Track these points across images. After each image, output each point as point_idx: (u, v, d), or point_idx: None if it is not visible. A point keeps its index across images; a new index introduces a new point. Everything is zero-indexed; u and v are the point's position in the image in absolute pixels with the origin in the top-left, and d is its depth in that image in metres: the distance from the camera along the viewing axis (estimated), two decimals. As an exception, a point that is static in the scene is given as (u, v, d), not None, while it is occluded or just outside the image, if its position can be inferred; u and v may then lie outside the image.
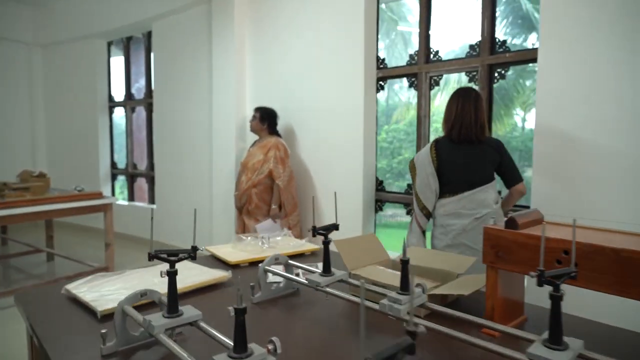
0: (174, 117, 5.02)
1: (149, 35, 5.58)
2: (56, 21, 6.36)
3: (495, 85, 2.93)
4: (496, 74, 2.89)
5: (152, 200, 5.80)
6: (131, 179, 6.09)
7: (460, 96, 2.31)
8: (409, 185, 3.37)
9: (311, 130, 3.73)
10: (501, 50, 2.86)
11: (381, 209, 3.59)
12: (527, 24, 11.59)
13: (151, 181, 5.75)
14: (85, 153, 6.25)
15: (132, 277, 1.49)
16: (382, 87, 3.53)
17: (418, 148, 3.28)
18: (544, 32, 2.48)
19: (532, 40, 9.51)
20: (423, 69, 3.22)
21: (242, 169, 3.70)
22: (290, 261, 1.44)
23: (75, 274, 3.75)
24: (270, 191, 3.57)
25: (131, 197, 6.11)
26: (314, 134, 3.71)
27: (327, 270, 1.27)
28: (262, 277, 1.36)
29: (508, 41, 2.84)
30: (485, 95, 2.93)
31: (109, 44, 6.16)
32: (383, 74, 3.47)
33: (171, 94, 5.03)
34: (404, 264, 1.07)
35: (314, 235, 1.35)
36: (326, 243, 1.32)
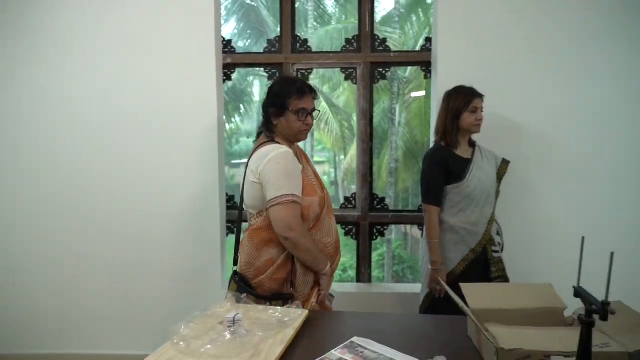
0: None
1: None
2: None
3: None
4: (377, 74, 2.68)
5: None
6: None
7: None
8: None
9: (129, 137, 2.56)
10: (381, 48, 2.67)
11: (232, 232, 2.83)
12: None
13: None
14: None
15: None
16: (230, 78, 2.76)
17: (286, 154, 2.72)
18: (440, 37, 2.45)
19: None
20: (290, 59, 2.68)
21: (327, 210, 1.75)
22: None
23: None
24: None
25: None
26: (136, 142, 2.56)
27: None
28: None
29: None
30: (367, 96, 2.69)
31: None
32: (233, 60, 2.71)
33: None
34: None
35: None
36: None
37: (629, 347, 0.99)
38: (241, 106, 13.15)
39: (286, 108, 1.68)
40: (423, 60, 2.67)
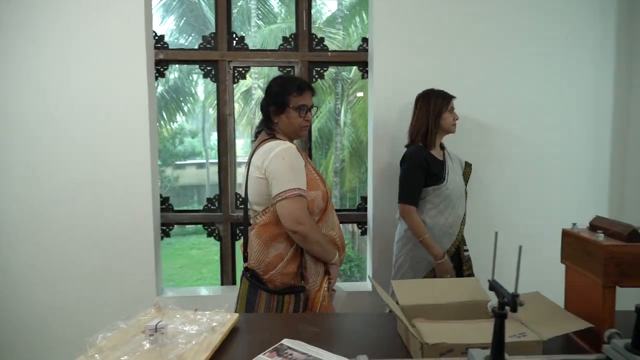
0: None
1: None
2: None
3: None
4: (315, 73, 2.67)
5: None
6: None
7: None
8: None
9: (61, 137, 2.39)
10: (319, 47, 2.66)
11: (168, 235, 2.72)
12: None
13: None
14: None
15: None
16: (163, 74, 2.64)
17: (223, 155, 2.65)
18: (376, 37, 2.47)
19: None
20: (226, 56, 2.60)
21: (330, 206, 1.78)
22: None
23: None
24: None
25: None
26: (67, 142, 2.39)
27: None
28: None
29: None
30: (305, 95, 2.67)
31: None
32: (165, 56, 2.60)
33: None
34: None
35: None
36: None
37: (543, 335, 1.03)
38: (184, 105, 12.75)
39: (287, 105, 1.71)
40: (361, 60, 2.70)
